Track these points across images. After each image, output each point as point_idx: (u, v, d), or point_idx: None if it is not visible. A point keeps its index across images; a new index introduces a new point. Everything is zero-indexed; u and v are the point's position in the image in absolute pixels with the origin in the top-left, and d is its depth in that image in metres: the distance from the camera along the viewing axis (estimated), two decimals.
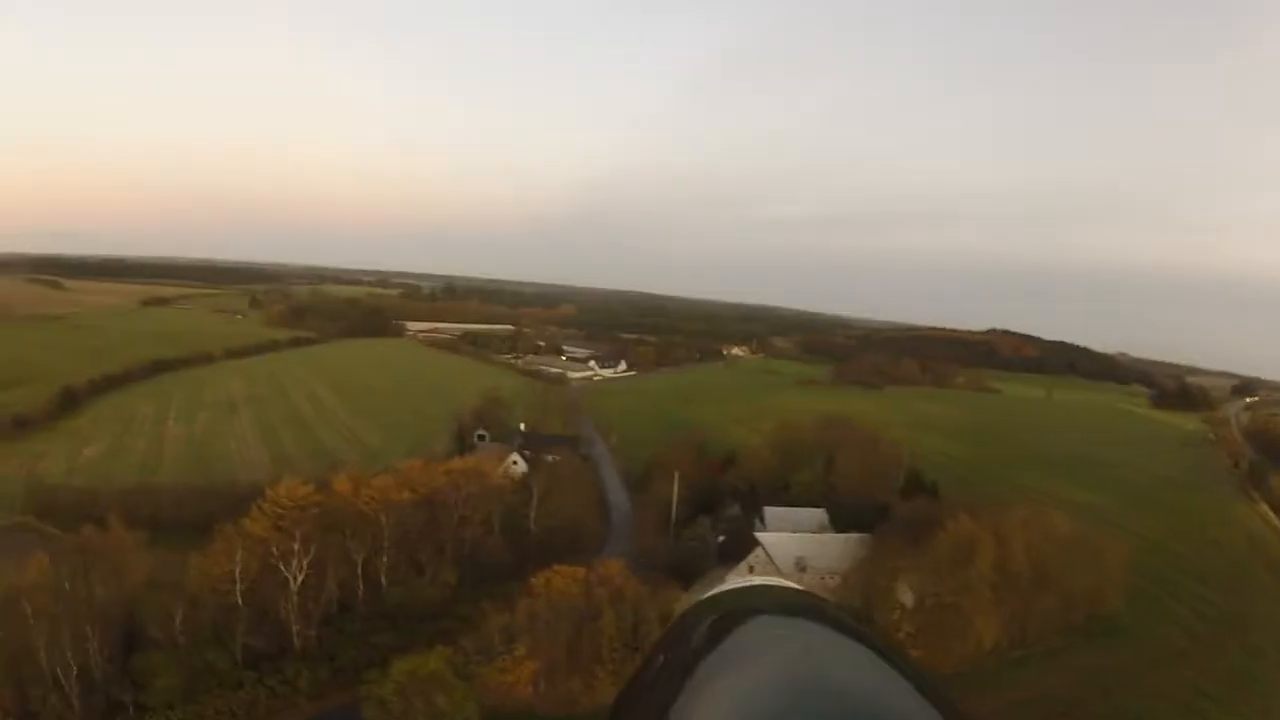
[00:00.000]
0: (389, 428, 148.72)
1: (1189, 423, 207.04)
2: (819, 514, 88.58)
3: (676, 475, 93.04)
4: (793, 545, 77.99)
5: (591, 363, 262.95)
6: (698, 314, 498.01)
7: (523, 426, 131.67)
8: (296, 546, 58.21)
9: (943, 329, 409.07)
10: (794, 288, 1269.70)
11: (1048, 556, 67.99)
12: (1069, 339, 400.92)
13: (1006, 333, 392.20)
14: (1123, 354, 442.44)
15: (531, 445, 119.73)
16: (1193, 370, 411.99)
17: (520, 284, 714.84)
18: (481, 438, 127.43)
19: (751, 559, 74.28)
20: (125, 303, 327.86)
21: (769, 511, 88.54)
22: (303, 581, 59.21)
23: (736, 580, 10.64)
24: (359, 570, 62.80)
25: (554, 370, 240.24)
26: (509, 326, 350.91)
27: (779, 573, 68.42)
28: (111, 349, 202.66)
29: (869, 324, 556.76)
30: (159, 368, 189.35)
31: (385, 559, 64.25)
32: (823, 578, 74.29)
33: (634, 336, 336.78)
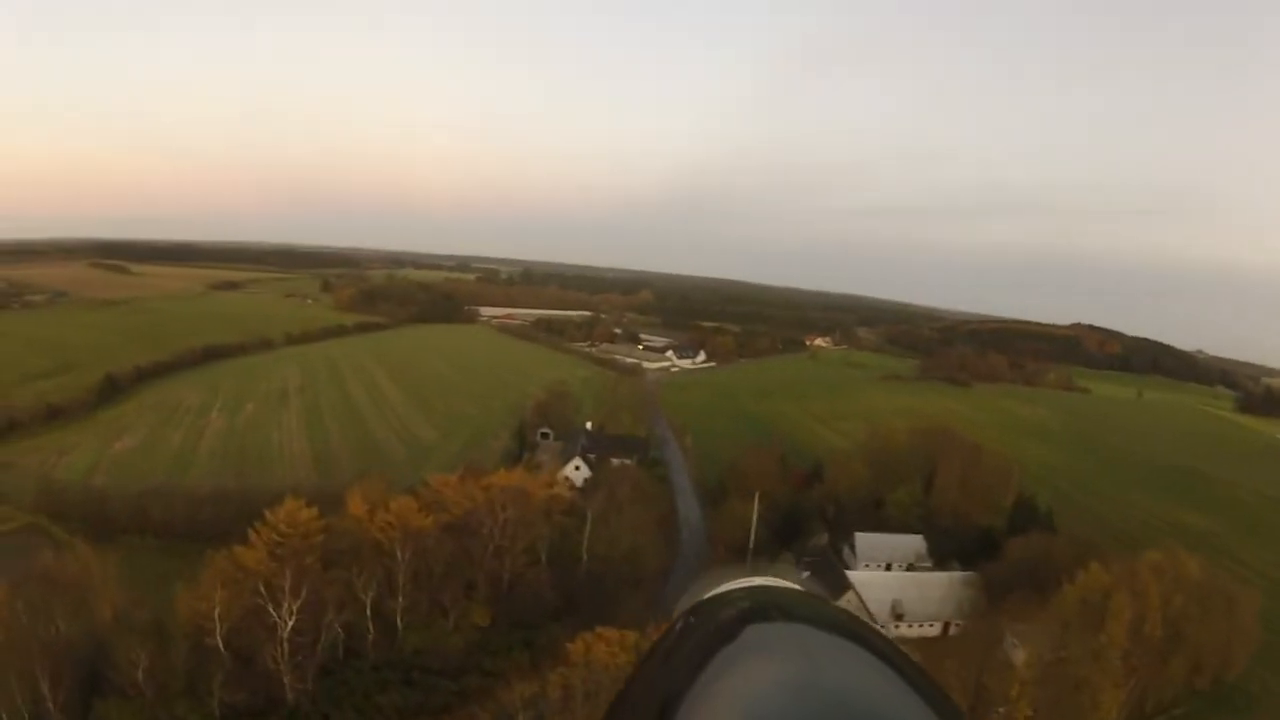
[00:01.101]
0: (447, 421, 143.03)
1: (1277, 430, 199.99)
2: (916, 541, 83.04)
3: (756, 495, 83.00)
4: (888, 587, 72.83)
5: (669, 353, 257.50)
6: (780, 302, 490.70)
7: (589, 425, 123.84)
8: (287, 584, 48.79)
9: (1027, 322, 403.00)
10: (877, 277, 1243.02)
11: (1181, 611, 59.76)
12: (1149, 334, 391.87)
13: (1091, 327, 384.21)
14: (1200, 352, 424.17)
15: (597, 447, 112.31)
16: (1271, 372, 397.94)
17: (600, 269, 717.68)
18: (545, 435, 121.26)
19: (842, 602, 61.36)
20: (192, 287, 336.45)
21: (860, 539, 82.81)
22: (295, 625, 49.83)
23: (736, 580, 4.36)
24: (368, 611, 52.94)
25: (629, 360, 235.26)
26: (586, 312, 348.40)
27: (872, 619, 56.89)
28: (168, 334, 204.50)
29: (952, 315, 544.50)
30: (212, 354, 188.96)
31: (401, 598, 54.23)
32: (920, 625, 70.73)
33: (714, 325, 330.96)
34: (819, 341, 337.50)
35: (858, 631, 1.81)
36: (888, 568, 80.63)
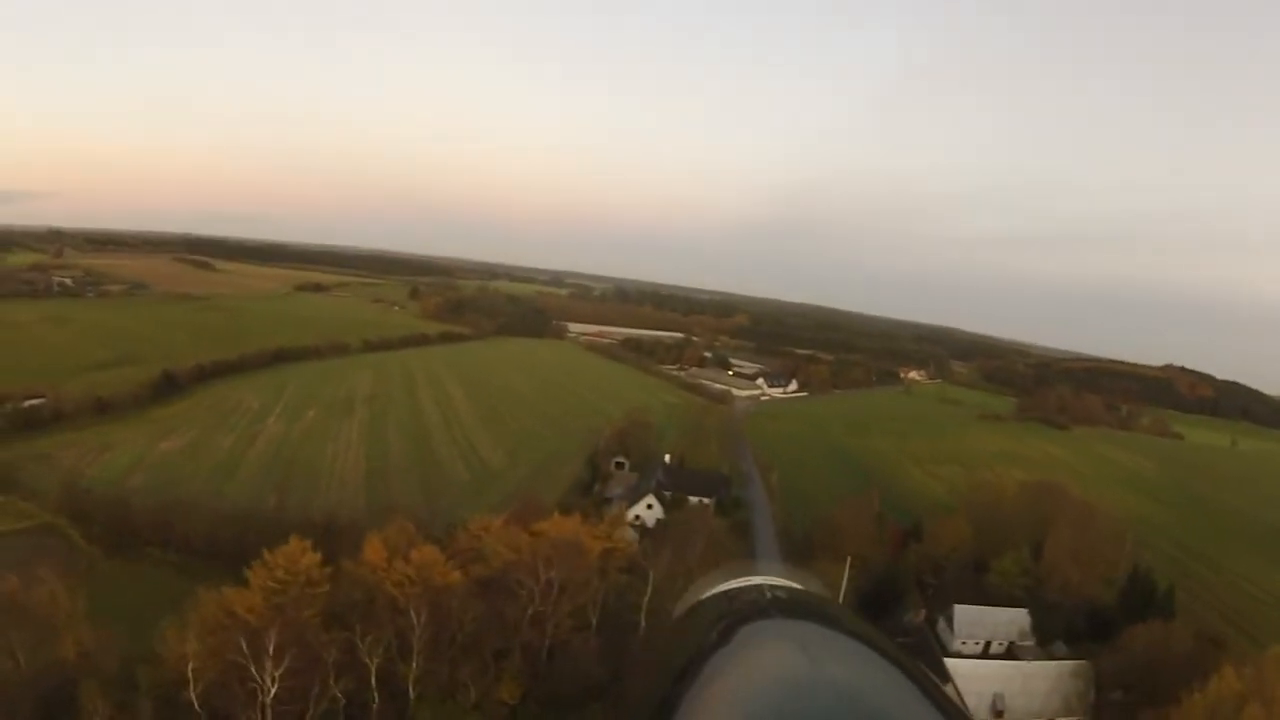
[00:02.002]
0: (517, 442, 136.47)
1: None
2: (1020, 617, 77.47)
3: (848, 561, 74.22)
4: (989, 679, 66.85)
5: (760, 380, 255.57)
6: (873, 331, 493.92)
7: (668, 458, 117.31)
8: (272, 642, 40.52)
9: (1119, 362, 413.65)
10: (969, 308, 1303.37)
11: None
12: (1238, 378, 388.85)
13: (1183, 369, 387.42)
14: None
15: (674, 483, 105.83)
16: None
17: (694, 290, 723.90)
18: (620, 465, 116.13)
19: None
20: (278, 287, 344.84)
21: (959, 613, 76.67)
22: (280, 690, 41.42)
23: (736, 580, 5.41)
24: (373, 678, 44.09)
25: (718, 386, 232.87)
26: (677, 334, 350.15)
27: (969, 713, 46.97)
28: (241, 333, 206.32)
29: (1041, 350, 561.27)
30: (283, 357, 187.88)
31: (415, 665, 45.20)
32: None
33: (807, 353, 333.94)
34: (913, 374, 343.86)
35: (857, 629, 2.05)
36: (987, 646, 75.58)
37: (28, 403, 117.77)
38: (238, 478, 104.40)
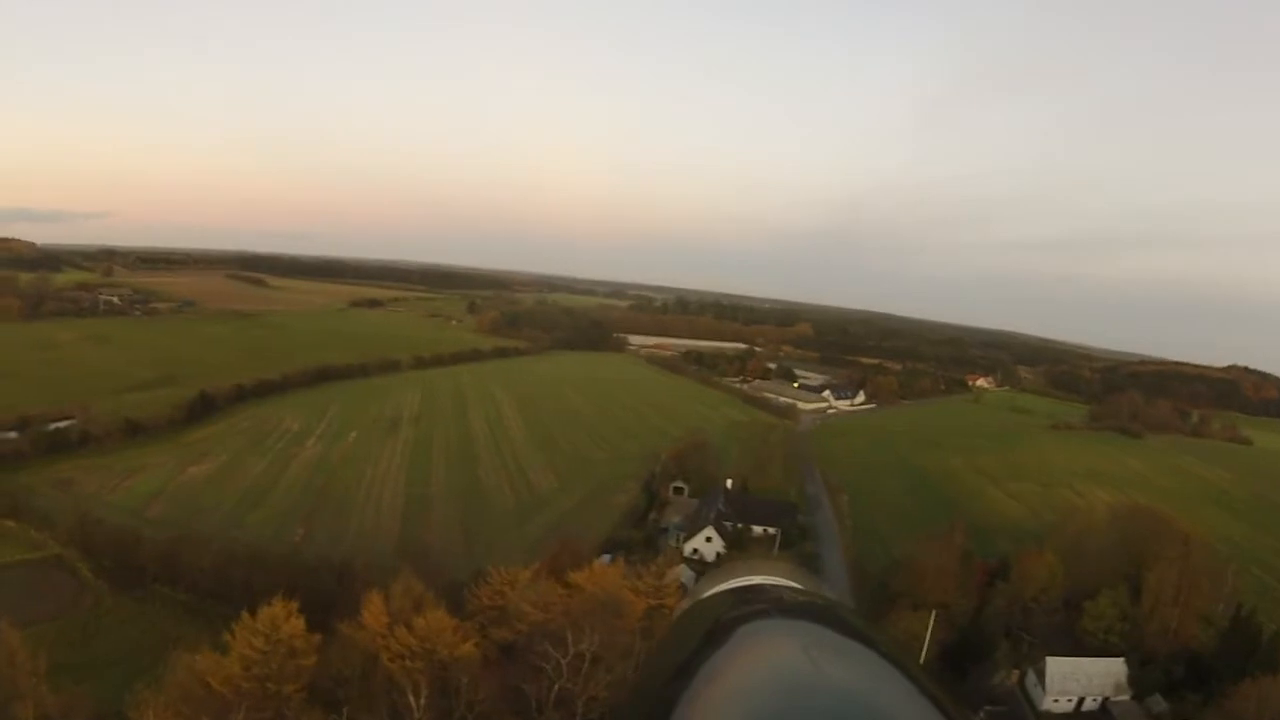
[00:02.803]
0: (570, 465, 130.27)
1: None
2: (1116, 668, 71.52)
3: (933, 615, 66.59)
4: None
5: (826, 392, 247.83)
6: (937, 338, 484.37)
7: (729, 483, 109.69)
8: None
9: (1184, 364, 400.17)
10: (1029, 311, 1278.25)
11: None
12: None
13: (1247, 370, 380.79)
14: None
15: (736, 511, 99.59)
16: None
17: (755, 299, 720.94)
18: (679, 490, 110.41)
19: None
20: (331, 303, 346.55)
21: (1052, 667, 70.81)
22: None
23: (736, 580, 3.29)
24: None
25: (783, 399, 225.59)
26: (740, 345, 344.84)
27: None
28: (289, 351, 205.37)
29: (1108, 354, 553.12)
30: (328, 375, 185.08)
31: None
32: None
33: (874, 362, 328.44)
34: (981, 382, 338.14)
35: (858, 629, 2.45)
36: (1079, 704, 70.03)
37: (54, 425, 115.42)
38: (265, 506, 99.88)
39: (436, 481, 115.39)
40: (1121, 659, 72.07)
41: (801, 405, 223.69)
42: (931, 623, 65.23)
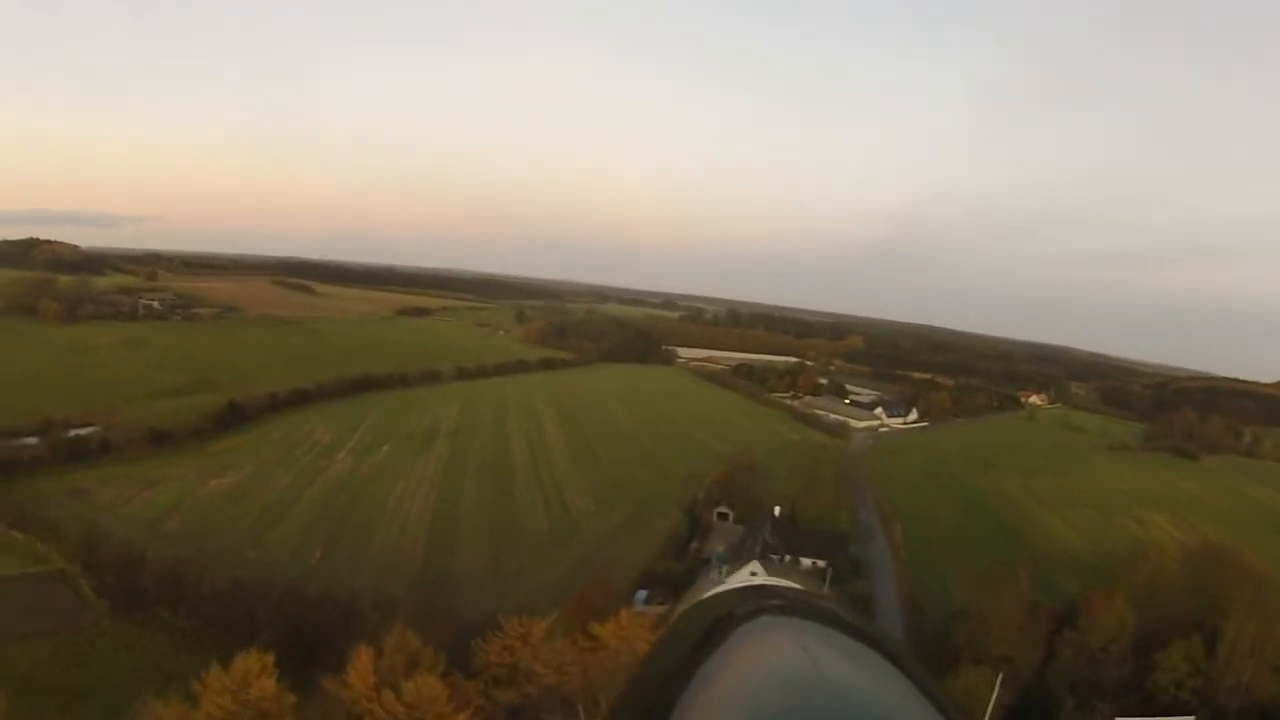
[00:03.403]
0: (610, 485, 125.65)
1: None
2: None
3: (999, 679, 58.21)
4: None
5: (878, 409, 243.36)
6: (989, 352, 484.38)
7: (777, 510, 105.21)
8: None
9: (1233, 379, 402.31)
10: (1077, 325, 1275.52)
11: None
12: None
13: None
14: None
15: (784, 541, 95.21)
16: None
17: (806, 311, 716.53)
18: (723, 516, 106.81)
19: None
20: (377, 311, 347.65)
21: None
22: None
23: (736, 580, 3.79)
24: None
25: (834, 417, 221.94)
26: (790, 358, 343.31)
27: None
28: (328, 359, 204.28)
29: (1157, 369, 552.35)
30: (366, 385, 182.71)
31: None
32: None
33: (926, 377, 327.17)
34: (1034, 398, 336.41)
35: (857, 628, 2.54)
36: None
37: (74, 431, 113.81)
38: (285, 524, 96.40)
39: (467, 500, 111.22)
40: (1193, 718, 66.65)
41: (853, 423, 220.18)
42: (998, 685, 58.63)
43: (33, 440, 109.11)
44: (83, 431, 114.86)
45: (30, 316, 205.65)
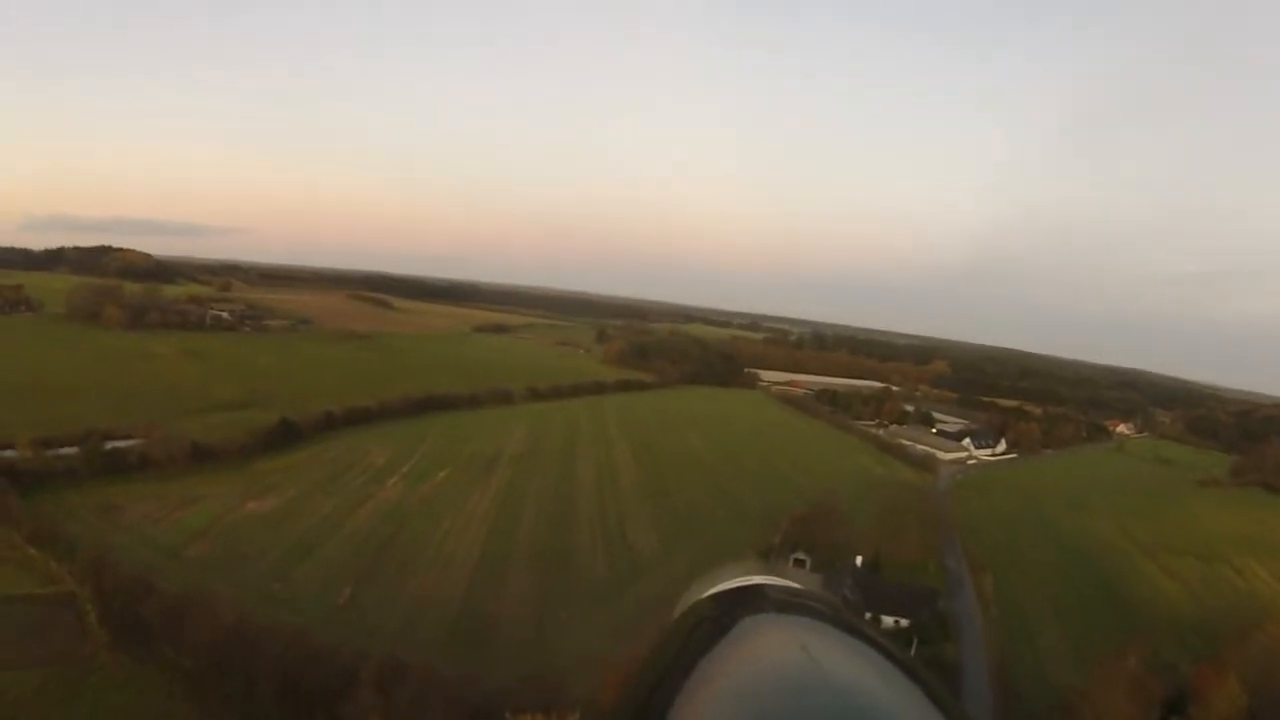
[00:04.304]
0: (678, 523, 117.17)
1: None
2: None
3: None
4: None
5: (966, 440, 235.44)
6: (1072, 377, 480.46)
7: (859, 559, 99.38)
8: None
9: None
10: (1159, 349, 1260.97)
11: None
12: None
13: None
14: None
15: (865, 596, 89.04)
16: None
17: (891, 334, 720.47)
18: (800, 563, 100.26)
19: None
20: (457, 327, 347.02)
21: None
22: None
23: (736, 580, 5.26)
24: None
25: (920, 447, 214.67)
26: (875, 383, 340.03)
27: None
28: (397, 376, 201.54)
29: (1241, 396, 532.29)
30: (432, 404, 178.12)
31: None
32: None
33: (1013, 404, 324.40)
34: (1121, 428, 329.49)
35: (856, 628, 2.64)
36: None
37: (112, 443, 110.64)
38: (318, 555, 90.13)
39: (521, 536, 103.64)
40: None
41: (940, 454, 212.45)
42: None
43: (70, 451, 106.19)
44: (122, 444, 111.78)
45: (94, 323, 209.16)
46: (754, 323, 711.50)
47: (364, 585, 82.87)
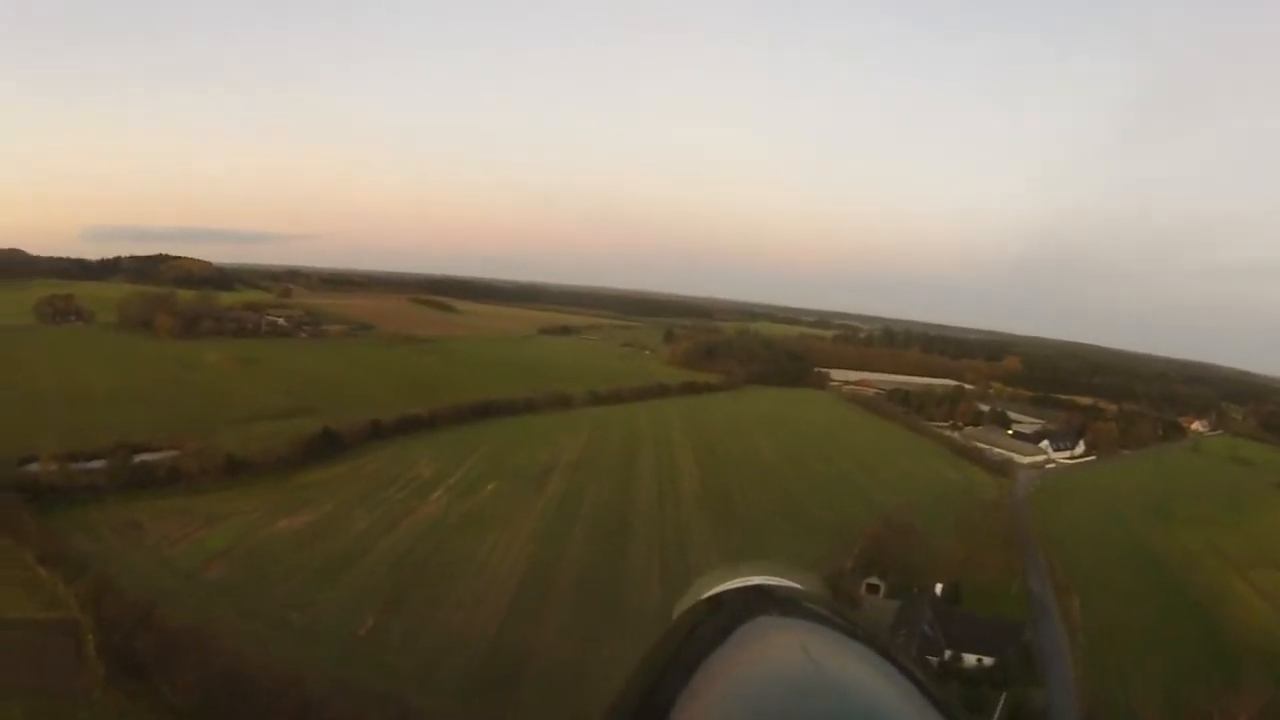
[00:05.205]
0: (741, 538, 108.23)
1: None
2: None
3: None
4: None
5: (1044, 441, 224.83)
6: (1145, 372, 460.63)
7: (939, 587, 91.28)
8: None
9: None
10: (1226, 341, 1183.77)
11: None
12: None
13: None
14: None
15: (945, 633, 79.50)
16: None
17: (961, 330, 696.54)
18: (874, 588, 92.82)
19: None
20: (518, 329, 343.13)
21: None
22: None
23: (736, 580, 3.49)
24: None
25: (997, 451, 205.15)
26: (948, 381, 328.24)
27: None
28: (458, 380, 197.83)
29: None
30: (487, 411, 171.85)
31: None
32: None
33: (1088, 402, 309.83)
34: (1196, 425, 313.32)
35: (857, 630, 2.61)
36: None
37: (142, 456, 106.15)
38: (346, 578, 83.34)
39: (570, 557, 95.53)
40: None
41: (1018, 458, 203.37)
42: None
43: (97, 464, 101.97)
44: (152, 457, 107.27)
45: (145, 332, 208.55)
46: (822, 320, 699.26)
47: (390, 614, 75.71)
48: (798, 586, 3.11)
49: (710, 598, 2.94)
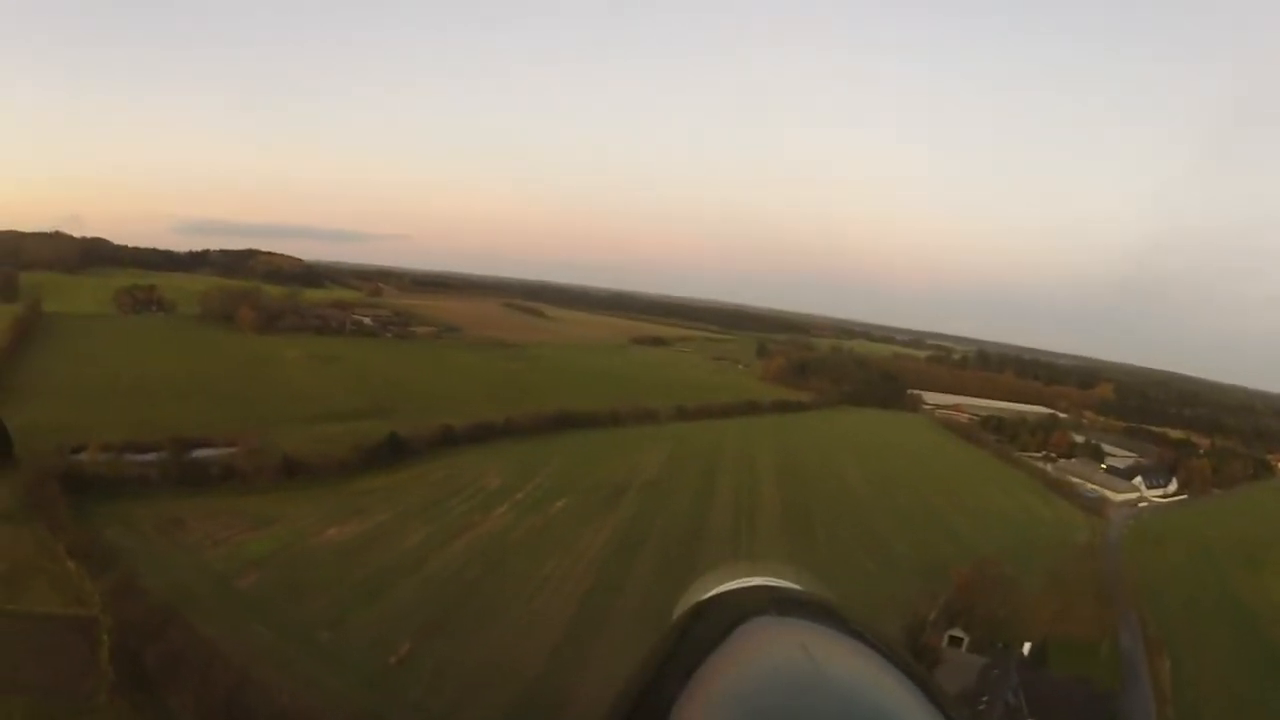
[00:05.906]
0: (822, 577, 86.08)
1: None
2: None
3: None
4: None
5: (1137, 478, 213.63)
6: (1233, 404, 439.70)
7: (1027, 647, 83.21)
8: None
9: None
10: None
11: None
12: None
13: None
14: None
15: (1027, 704, 71.95)
16: None
17: (1054, 354, 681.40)
18: (956, 641, 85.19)
19: None
20: (611, 338, 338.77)
21: None
22: None
23: (736, 580, 3.80)
24: None
25: (1090, 487, 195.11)
26: (1040, 408, 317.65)
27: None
28: (543, 388, 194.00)
29: None
30: (566, 422, 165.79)
31: None
32: None
33: (1181, 435, 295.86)
34: None
35: (857, 628, 2.67)
36: None
37: (198, 452, 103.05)
38: (388, 596, 77.65)
39: (633, 586, 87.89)
40: None
41: (1111, 495, 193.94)
42: None
43: (151, 457, 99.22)
44: (208, 453, 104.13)
45: (227, 325, 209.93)
46: (916, 339, 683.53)
47: (428, 640, 69.43)
48: (797, 587, 3.18)
49: (710, 598, 3.01)
